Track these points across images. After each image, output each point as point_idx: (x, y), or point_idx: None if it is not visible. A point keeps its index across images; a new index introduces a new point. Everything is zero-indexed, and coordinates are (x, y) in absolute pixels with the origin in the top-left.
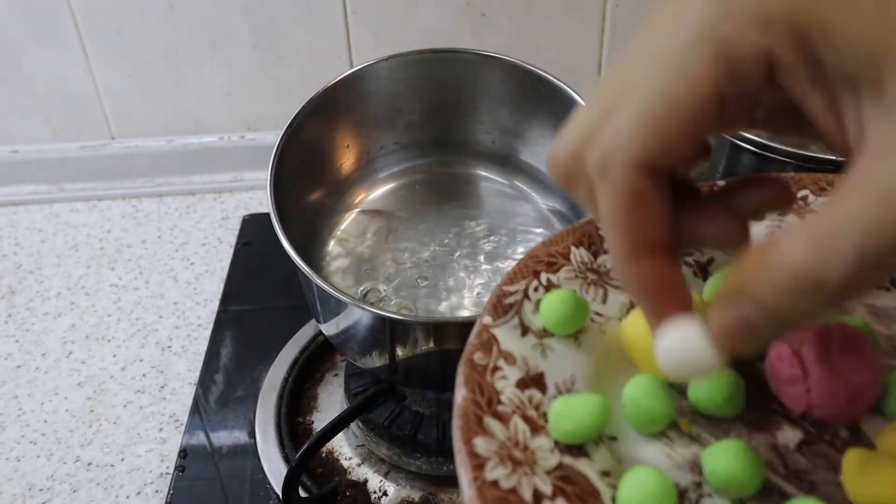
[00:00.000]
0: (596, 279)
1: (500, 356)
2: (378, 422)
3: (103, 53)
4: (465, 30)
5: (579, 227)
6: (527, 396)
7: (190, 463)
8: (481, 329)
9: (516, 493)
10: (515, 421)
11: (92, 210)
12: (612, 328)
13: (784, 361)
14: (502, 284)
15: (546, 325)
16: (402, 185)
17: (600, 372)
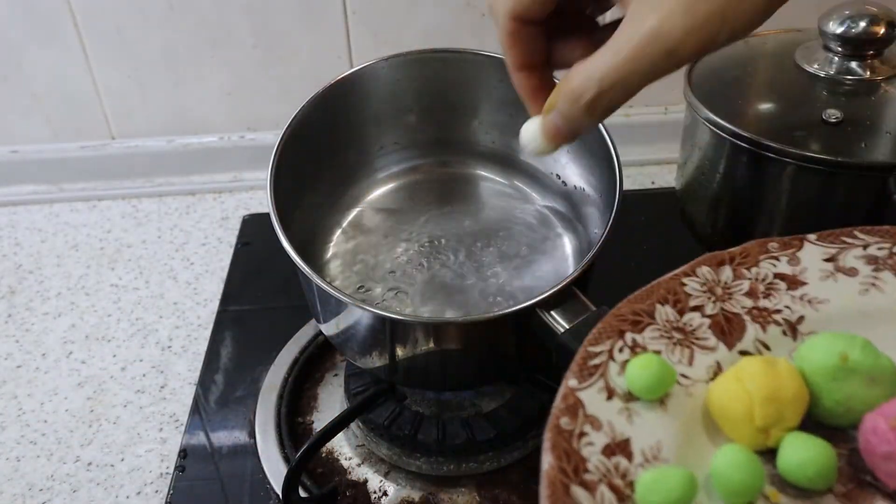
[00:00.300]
0: (682, 339)
1: (587, 421)
2: (378, 422)
3: (103, 53)
4: (465, 30)
5: (664, 282)
6: (613, 464)
7: (190, 463)
8: (567, 392)
9: None
10: (602, 490)
11: (92, 210)
12: (698, 391)
13: (879, 436)
14: (587, 345)
15: (632, 390)
16: (401, 185)
17: (687, 438)
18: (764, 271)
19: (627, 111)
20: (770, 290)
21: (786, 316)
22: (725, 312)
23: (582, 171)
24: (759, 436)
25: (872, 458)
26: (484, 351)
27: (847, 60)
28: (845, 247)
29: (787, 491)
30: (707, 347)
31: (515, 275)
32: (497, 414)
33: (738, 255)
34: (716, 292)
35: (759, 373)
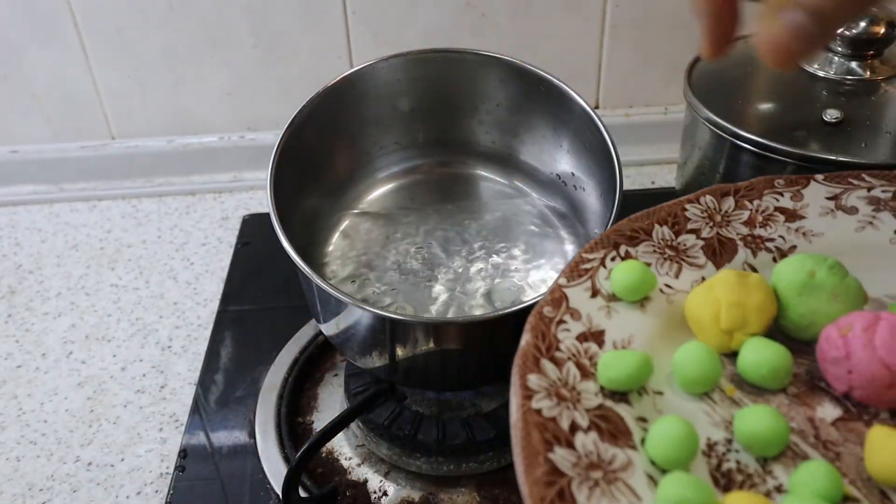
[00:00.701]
0: (673, 255)
1: (567, 312)
2: (378, 422)
3: (103, 53)
4: (465, 30)
5: (666, 206)
6: (584, 348)
7: (190, 463)
8: (555, 288)
9: (555, 421)
10: (569, 366)
11: (92, 210)
12: (678, 300)
13: (830, 343)
14: (582, 252)
15: (615, 291)
16: (402, 185)
17: (659, 336)
18: (766, 204)
19: (627, 111)
20: (768, 220)
21: (778, 244)
22: (720, 237)
23: (582, 171)
24: (724, 338)
25: (824, 364)
26: (484, 351)
27: (847, 60)
28: (850, 188)
29: (744, 388)
30: (696, 265)
31: (515, 274)
32: (497, 414)
33: (743, 188)
34: (715, 219)
35: (730, 282)
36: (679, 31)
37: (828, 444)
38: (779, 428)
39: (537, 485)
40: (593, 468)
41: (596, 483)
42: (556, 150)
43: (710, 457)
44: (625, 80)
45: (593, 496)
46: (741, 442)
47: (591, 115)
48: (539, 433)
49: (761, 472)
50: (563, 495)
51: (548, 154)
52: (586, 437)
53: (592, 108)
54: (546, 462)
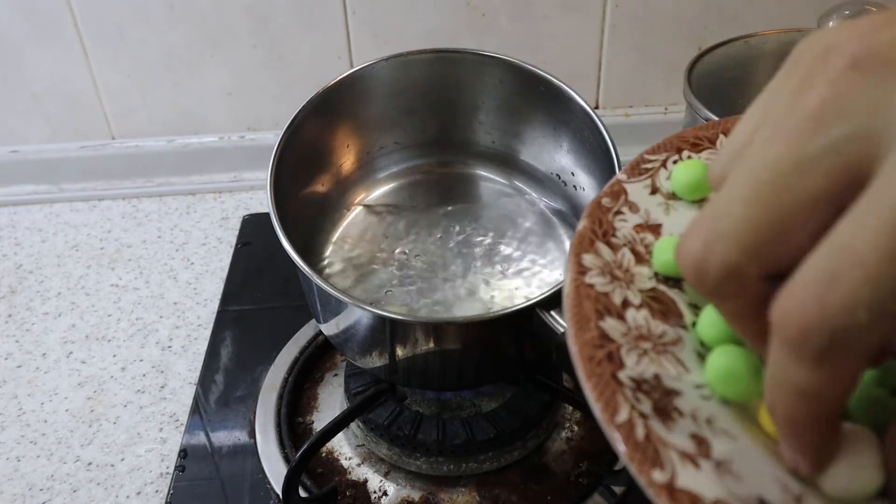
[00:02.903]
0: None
1: (626, 204)
2: (378, 422)
3: (103, 53)
4: (465, 30)
5: (734, 119)
6: (640, 237)
7: (190, 463)
8: (614, 182)
9: (608, 296)
10: (624, 251)
11: (92, 210)
12: None
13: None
14: (645, 153)
15: (675, 190)
16: (402, 185)
17: None
18: None
19: (627, 111)
20: None
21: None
22: None
23: (582, 171)
24: None
25: None
26: (484, 351)
27: None
28: None
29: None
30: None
31: (515, 274)
32: (497, 414)
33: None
34: None
35: None
36: (679, 31)
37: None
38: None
39: (587, 346)
40: (643, 339)
41: (645, 352)
42: (556, 149)
43: None
44: (625, 80)
45: (642, 362)
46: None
47: (591, 115)
48: (591, 303)
49: None
50: (612, 357)
51: (548, 154)
52: (637, 312)
53: (592, 108)
54: (597, 328)
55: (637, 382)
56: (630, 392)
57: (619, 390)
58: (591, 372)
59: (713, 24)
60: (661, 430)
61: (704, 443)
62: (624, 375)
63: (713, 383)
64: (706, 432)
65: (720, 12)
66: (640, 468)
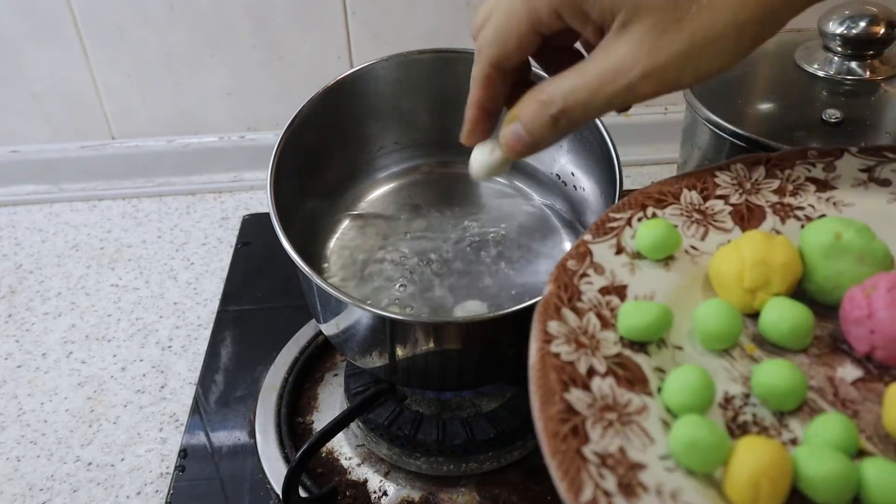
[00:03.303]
0: (700, 219)
1: (591, 266)
2: (378, 422)
3: (103, 53)
4: (465, 30)
5: (696, 173)
6: (606, 300)
7: (190, 463)
8: (580, 243)
9: (573, 365)
10: (589, 316)
11: (92, 210)
12: (703, 261)
13: (854, 303)
14: (609, 211)
15: (639, 248)
16: (402, 185)
17: (682, 293)
18: (797, 173)
19: (627, 111)
20: (798, 189)
21: (808, 213)
22: (749, 204)
23: (582, 171)
24: (747, 297)
25: (846, 325)
26: (484, 351)
27: (847, 60)
28: (884, 161)
29: (764, 347)
30: (723, 229)
31: (515, 275)
32: (497, 414)
33: (775, 157)
34: (744, 186)
35: (755, 241)
36: None
37: (846, 403)
38: (796, 381)
39: (552, 420)
40: (608, 410)
41: (610, 423)
42: (556, 150)
43: (727, 409)
44: None
45: (607, 435)
46: (758, 395)
47: None
48: (556, 374)
49: (777, 425)
50: (577, 432)
51: (548, 154)
52: (603, 381)
53: None
54: (562, 401)
55: (602, 457)
56: (594, 468)
57: (584, 467)
58: (556, 449)
59: None
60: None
61: None
62: (588, 450)
63: (677, 454)
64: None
65: None
66: None
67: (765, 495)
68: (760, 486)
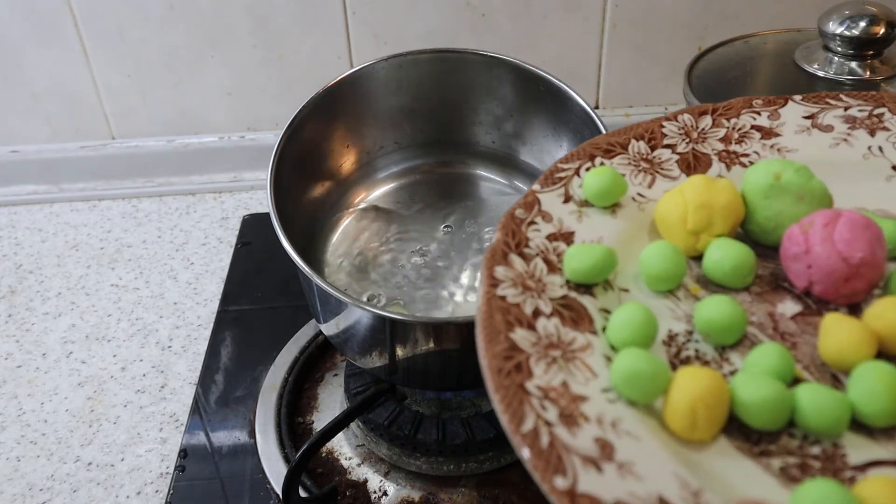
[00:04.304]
0: (648, 167)
1: (539, 214)
2: (378, 422)
3: (103, 53)
4: (465, 30)
5: (644, 124)
6: (553, 246)
7: (190, 463)
8: (528, 193)
9: (519, 307)
10: (536, 261)
11: (92, 210)
12: (650, 209)
13: (792, 240)
14: (558, 162)
15: (586, 196)
16: (402, 185)
17: (628, 238)
18: (742, 122)
19: (627, 111)
20: (744, 137)
21: (752, 159)
22: (696, 152)
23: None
24: (691, 239)
25: (785, 261)
26: None
27: (847, 60)
28: (827, 107)
29: (708, 288)
30: (669, 177)
31: None
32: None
33: (721, 107)
34: (691, 135)
35: (698, 185)
36: (679, 31)
37: (785, 335)
38: (736, 315)
39: (496, 358)
40: (552, 347)
41: (554, 360)
42: (556, 150)
43: (670, 346)
44: (625, 80)
45: (550, 370)
46: (699, 330)
47: (591, 115)
48: (502, 315)
49: (718, 358)
50: (521, 368)
51: (548, 154)
52: (548, 321)
53: (592, 108)
54: (506, 340)
55: (544, 391)
56: (537, 401)
57: (526, 400)
58: (499, 384)
59: (713, 24)
60: (566, 436)
61: (608, 446)
62: (532, 385)
63: (618, 385)
64: (610, 435)
65: (720, 12)
66: (543, 475)
67: (702, 421)
68: (697, 413)
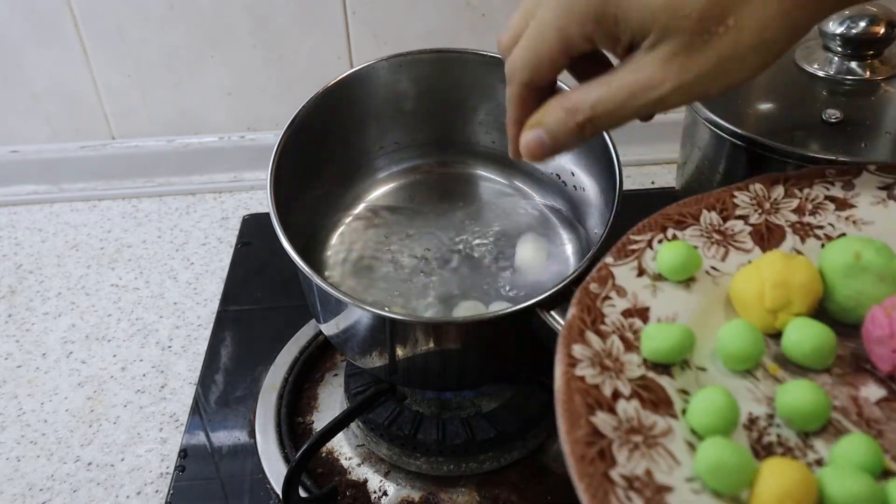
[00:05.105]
0: (721, 240)
1: (613, 289)
2: (378, 422)
3: (103, 53)
4: (465, 30)
5: (715, 193)
6: (629, 323)
7: (190, 463)
8: (601, 266)
9: (598, 388)
10: (613, 339)
11: (92, 210)
12: (725, 282)
13: (875, 323)
14: (630, 233)
15: (661, 270)
16: (402, 185)
17: (704, 314)
18: (816, 192)
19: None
20: (818, 209)
21: (827, 232)
22: (769, 223)
23: (582, 170)
24: (769, 317)
25: (869, 344)
26: (484, 351)
27: (847, 60)
28: None
29: (788, 368)
30: (743, 249)
31: (515, 275)
32: (497, 414)
33: (794, 176)
34: (763, 206)
35: (776, 262)
36: None
37: (870, 422)
38: (820, 401)
39: (578, 444)
40: (634, 432)
41: (636, 446)
42: None
43: (752, 430)
44: None
45: (633, 458)
46: (782, 415)
47: None
48: (581, 398)
49: (802, 445)
50: (604, 455)
51: None
52: (628, 404)
53: None
54: (588, 424)
55: (629, 480)
56: (622, 491)
57: (612, 490)
58: (584, 472)
59: None
60: None
61: None
62: (616, 474)
63: (704, 476)
64: None
65: None
66: None
67: None
68: None
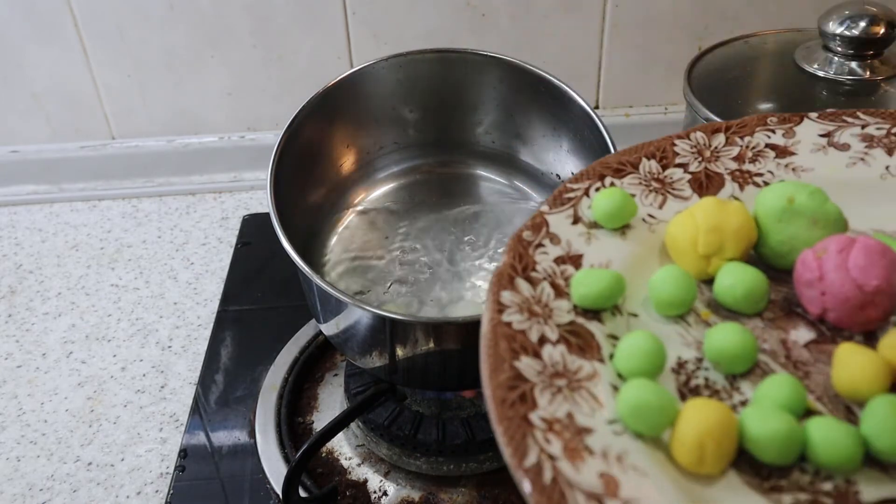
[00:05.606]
0: (659, 187)
1: (547, 236)
2: (378, 422)
3: (103, 53)
4: (465, 30)
5: (655, 142)
6: (561, 270)
7: (190, 463)
8: (536, 214)
9: (524, 333)
10: (543, 285)
11: (92, 210)
12: (661, 230)
13: (805, 265)
14: (567, 182)
15: (596, 218)
16: (402, 185)
17: (638, 261)
18: (756, 140)
19: (627, 111)
20: (758, 156)
21: (766, 179)
22: (708, 171)
23: None
24: (702, 263)
25: (799, 287)
26: None
27: (847, 60)
28: (844, 125)
29: (719, 313)
30: (681, 197)
31: None
32: None
33: (735, 124)
34: (703, 154)
35: (710, 207)
36: (679, 31)
37: (798, 364)
38: (746, 342)
39: (500, 388)
40: (558, 376)
41: (559, 389)
42: (556, 150)
43: (679, 374)
44: (625, 80)
45: (555, 401)
46: (710, 358)
47: (591, 115)
48: (507, 343)
49: (729, 388)
50: (525, 398)
51: (548, 154)
52: (554, 349)
53: (592, 108)
54: (511, 369)
55: (549, 423)
56: (540, 434)
57: (530, 432)
58: (503, 415)
59: (713, 24)
60: (570, 471)
61: (613, 482)
62: (535, 416)
63: (625, 417)
64: (615, 470)
65: (720, 12)
66: None
67: (710, 456)
68: (706, 447)
